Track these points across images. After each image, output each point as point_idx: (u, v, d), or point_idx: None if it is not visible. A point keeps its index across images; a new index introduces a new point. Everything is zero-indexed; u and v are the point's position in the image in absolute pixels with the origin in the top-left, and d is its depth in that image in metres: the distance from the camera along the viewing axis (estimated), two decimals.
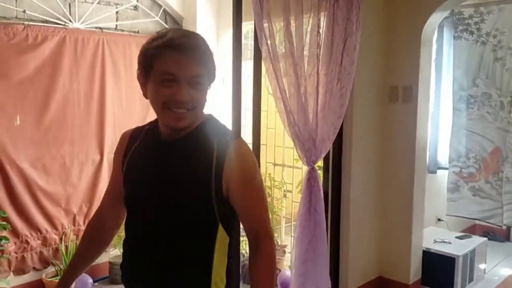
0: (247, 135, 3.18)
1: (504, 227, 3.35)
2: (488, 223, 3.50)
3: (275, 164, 4.03)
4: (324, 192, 3.25)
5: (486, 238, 3.93)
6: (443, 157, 4.05)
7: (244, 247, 3.34)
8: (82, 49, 3.45)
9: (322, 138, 2.72)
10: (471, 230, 4.82)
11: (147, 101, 1.31)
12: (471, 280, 3.64)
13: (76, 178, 3.50)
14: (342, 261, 3.29)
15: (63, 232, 3.47)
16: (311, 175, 2.71)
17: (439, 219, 4.35)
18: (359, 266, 3.37)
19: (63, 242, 3.44)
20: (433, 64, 3.62)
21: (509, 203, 3.23)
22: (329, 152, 3.24)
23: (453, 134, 3.42)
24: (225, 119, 1.74)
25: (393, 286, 3.47)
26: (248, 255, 1.32)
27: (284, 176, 4.00)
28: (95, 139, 3.59)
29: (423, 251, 3.56)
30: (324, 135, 2.73)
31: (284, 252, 3.80)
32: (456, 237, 3.83)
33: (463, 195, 3.40)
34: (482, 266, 3.87)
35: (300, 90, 2.57)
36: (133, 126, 1.48)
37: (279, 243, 3.91)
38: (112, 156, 1.52)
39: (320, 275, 2.63)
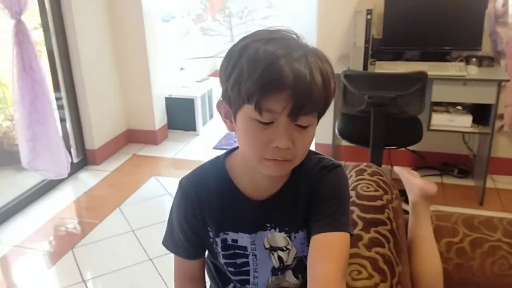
0: None
1: None
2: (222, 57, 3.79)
3: None
4: (49, 52, 3.00)
5: None
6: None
7: None
8: None
9: None
10: (214, 75, 5.26)
11: None
12: (211, 117, 4.06)
13: None
14: (84, 122, 3.21)
15: None
16: (18, 29, 2.39)
17: (181, 68, 4.56)
18: (104, 124, 3.35)
19: None
20: None
21: (238, 35, 3.54)
22: (45, 9, 2.91)
23: None
24: None
25: (142, 135, 3.63)
26: None
27: None
28: None
29: (165, 98, 3.74)
30: None
31: None
32: (196, 81, 4.13)
33: (193, 37, 3.57)
34: None
35: None
36: None
37: None
38: None
39: (50, 136, 2.51)
